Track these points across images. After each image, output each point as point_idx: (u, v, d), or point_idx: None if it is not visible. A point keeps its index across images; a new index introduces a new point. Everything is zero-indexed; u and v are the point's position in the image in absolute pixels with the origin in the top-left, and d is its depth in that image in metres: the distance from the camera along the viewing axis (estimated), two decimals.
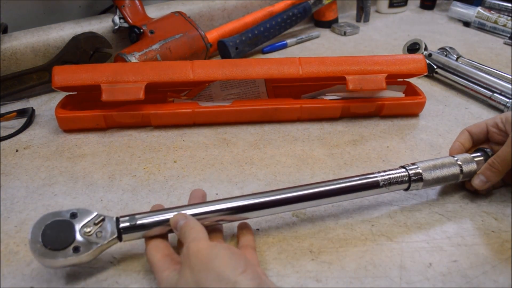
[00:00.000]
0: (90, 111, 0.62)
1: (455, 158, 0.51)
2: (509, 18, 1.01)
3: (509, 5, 1.07)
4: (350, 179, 0.47)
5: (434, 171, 0.49)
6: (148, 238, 0.42)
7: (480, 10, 1.06)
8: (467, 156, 0.51)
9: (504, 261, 0.44)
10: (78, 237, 0.39)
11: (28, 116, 0.66)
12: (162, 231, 0.42)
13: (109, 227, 0.40)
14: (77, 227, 0.40)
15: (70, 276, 0.42)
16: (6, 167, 0.57)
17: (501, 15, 1.03)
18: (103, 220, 0.41)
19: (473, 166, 0.51)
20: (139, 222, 0.41)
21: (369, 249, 0.45)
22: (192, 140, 0.63)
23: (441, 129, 0.66)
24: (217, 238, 0.44)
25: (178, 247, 0.44)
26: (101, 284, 0.41)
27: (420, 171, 0.48)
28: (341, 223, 0.48)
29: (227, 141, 0.63)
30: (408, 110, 0.69)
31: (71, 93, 0.66)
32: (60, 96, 0.67)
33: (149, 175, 0.56)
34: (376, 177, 0.47)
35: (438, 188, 0.54)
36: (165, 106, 0.64)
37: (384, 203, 0.51)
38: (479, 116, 0.70)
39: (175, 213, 0.42)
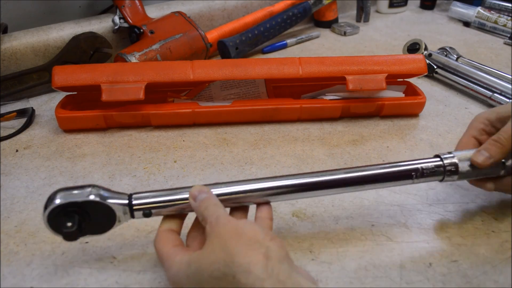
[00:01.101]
0: (90, 111, 0.62)
1: None
2: (509, 18, 1.01)
3: (509, 5, 1.07)
4: (384, 166, 0.44)
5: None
6: (159, 229, 0.40)
7: (480, 10, 1.06)
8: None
9: (504, 261, 0.44)
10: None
11: (28, 116, 0.66)
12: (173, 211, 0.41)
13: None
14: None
15: (70, 276, 0.42)
16: (6, 167, 0.57)
17: (501, 15, 1.03)
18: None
19: None
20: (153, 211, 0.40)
21: (369, 249, 0.45)
22: (192, 140, 0.63)
23: (441, 129, 0.66)
24: (242, 217, 0.43)
25: (192, 229, 0.41)
26: (101, 284, 0.41)
27: (457, 161, 0.45)
28: (341, 223, 0.48)
29: (227, 141, 0.63)
30: (408, 110, 0.69)
31: (71, 93, 0.66)
32: (60, 96, 0.67)
33: (149, 175, 0.56)
34: (410, 166, 0.44)
35: (438, 188, 0.54)
36: (165, 106, 0.64)
37: (384, 203, 0.51)
38: None
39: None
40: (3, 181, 0.54)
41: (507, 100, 0.69)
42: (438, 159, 0.45)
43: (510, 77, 0.75)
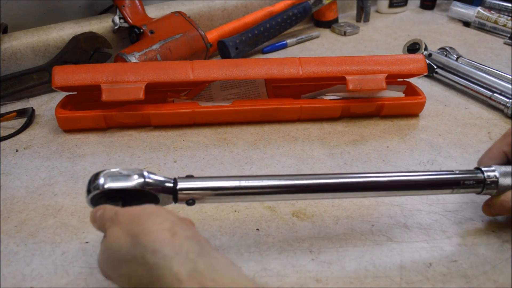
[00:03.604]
0: (90, 111, 0.62)
1: None
2: (509, 18, 1.01)
3: (509, 5, 1.07)
4: (423, 173, 0.45)
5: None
6: None
7: (480, 10, 1.06)
8: None
9: (504, 261, 0.44)
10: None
11: (28, 116, 0.66)
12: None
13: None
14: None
15: (70, 275, 0.42)
16: (6, 167, 0.57)
17: (501, 15, 1.03)
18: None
19: None
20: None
21: (369, 249, 0.45)
22: (192, 140, 0.63)
23: (441, 129, 0.66)
24: None
25: None
26: (101, 284, 0.41)
27: (497, 175, 0.45)
28: (341, 223, 0.48)
29: (227, 141, 0.63)
30: (408, 110, 0.69)
31: (71, 93, 0.66)
32: (60, 96, 0.67)
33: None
34: (451, 176, 0.45)
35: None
36: (165, 106, 0.64)
37: (384, 203, 0.51)
38: (479, 116, 0.70)
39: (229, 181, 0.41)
40: (3, 181, 0.54)
41: (507, 100, 0.69)
42: (479, 171, 0.45)
43: (510, 77, 0.75)
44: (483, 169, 0.46)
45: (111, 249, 0.32)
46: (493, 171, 0.45)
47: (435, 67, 0.81)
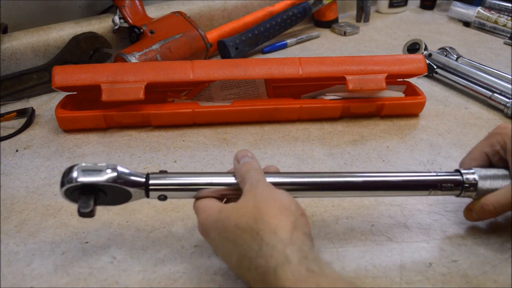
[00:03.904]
0: (90, 111, 0.62)
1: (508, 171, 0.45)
2: (509, 18, 1.01)
3: (509, 5, 1.07)
4: (401, 174, 0.45)
5: (490, 181, 0.44)
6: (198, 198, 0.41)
7: (480, 10, 1.06)
8: None
9: (504, 261, 0.44)
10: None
11: (28, 116, 0.66)
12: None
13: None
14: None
15: (70, 275, 0.42)
16: (6, 167, 0.57)
17: (501, 15, 1.03)
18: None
19: None
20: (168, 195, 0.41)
21: (369, 249, 0.45)
22: (192, 140, 0.63)
23: (441, 129, 0.66)
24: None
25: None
26: (101, 284, 0.41)
27: (476, 177, 0.44)
28: (341, 223, 0.48)
29: (227, 141, 0.63)
30: (408, 110, 0.69)
31: (71, 93, 0.66)
32: (60, 96, 0.67)
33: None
34: (427, 176, 0.44)
35: None
36: (165, 106, 0.64)
37: (384, 203, 0.51)
38: (479, 116, 0.70)
39: (200, 178, 0.41)
40: (3, 181, 0.54)
41: (507, 100, 0.69)
42: (458, 173, 0.45)
43: (510, 77, 0.75)
44: (462, 171, 0.45)
45: (236, 212, 0.35)
46: (473, 173, 0.45)
47: (435, 67, 0.81)
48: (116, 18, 0.78)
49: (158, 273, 0.42)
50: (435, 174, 0.45)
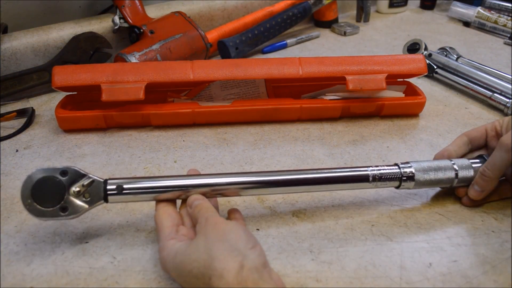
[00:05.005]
0: (90, 111, 0.62)
1: (452, 162, 0.50)
2: (509, 18, 1.01)
3: (509, 5, 1.07)
4: (342, 170, 0.47)
5: (428, 173, 0.48)
6: (159, 202, 0.44)
7: (480, 10, 1.06)
8: (465, 162, 0.50)
9: (504, 261, 0.44)
10: (67, 196, 0.41)
11: (28, 116, 0.66)
12: (150, 198, 0.44)
13: (97, 190, 0.42)
14: (67, 186, 0.41)
15: (70, 275, 0.42)
16: (6, 167, 0.57)
17: (501, 15, 1.03)
18: (92, 182, 0.42)
19: (470, 172, 0.49)
20: (126, 186, 0.43)
21: (369, 249, 0.45)
22: (192, 140, 0.63)
23: (441, 129, 0.66)
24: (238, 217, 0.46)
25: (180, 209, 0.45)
26: (101, 284, 0.41)
27: (413, 171, 0.48)
28: (341, 223, 0.48)
29: (227, 141, 0.63)
30: (408, 110, 0.69)
31: (71, 93, 0.66)
32: (60, 96, 0.67)
33: (149, 175, 0.56)
34: (367, 171, 0.47)
35: (438, 188, 0.54)
36: (165, 106, 0.64)
37: (384, 203, 0.51)
38: (479, 116, 0.70)
39: (164, 181, 0.44)
40: (3, 181, 0.54)
41: (507, 100, 0.69)
42: (396, 167, 0.48)
43: (510, 77, 0.75)
44: (400, 165, 0.48)
45: (188, 257, 0.37)
46: (410, 167, 0.48)
47: (435, 67, 0.81)
48: (116, 18, 0.78)
49: (158, 273, 0.42)
50: (376, 168, 0.48)
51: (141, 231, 0.47)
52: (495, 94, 0.71)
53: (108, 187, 0.42)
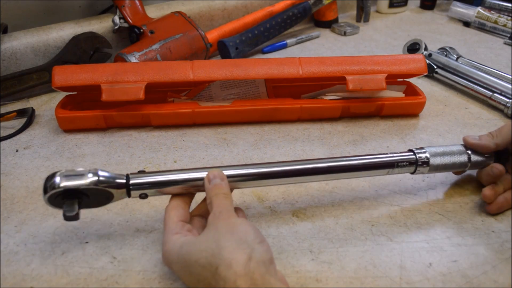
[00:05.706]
0: (90, 111, 0.62)
1: (465, 147, 0.51)
2: (509, 18, 1.01)
3: (509, 5, 1.07)
4: (361, 157, 0.48)
5: (442, 157, 0.49)
6: (173, 196, 0.44)
7: (480, 10, 1.06)
8: None
9: (504, 261, 0.44)
10: None
11: (28, 116, 0.66)
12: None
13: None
14: None
15: (70, 275, 0.42)
16: (6, 167, 0.57)
17: (501, 15, 1.03)
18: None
19: (483, 156, 0.51)
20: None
21: (369, 249, 0.45)
22: (192, 140, 0.63)
23: (441, 129, 0.66)
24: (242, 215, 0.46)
25: (197, 209, 0.46)
26: (101, 284, 0.41)
27: (428, 155, 0.49)
28: (341, 223, 0.48)
29: (227, 141, 0.63)
30: (408, 110, 0.69)
31: (71, 93, 0.66)
32: (60, 96, 0.67)
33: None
34: (387, 157, 0.48)
35: (438, 188, 0.54)
36: (165, 106, 0.64)
37: (384, 203, 0.51)
38: (479, 116, 0.70)
39: (166, 175, 0.43)
40: (3, 181, 0.54)
41: (507, 100, 0.69)
42: (411, 153, 0.49)
43: (510, 77, 0.75)
44: (415, 150, 0.49)
45: (197, 247, 0.37)
46: (424, 152, 0.49)
47: (435, 67, 0.81)
48: (116, 18, 0.78)
49: (158, 273, 0.42)
50: (391, 155, 0.48)
51: (141, 231, 0.47)
52: (495, 94, 0.71)
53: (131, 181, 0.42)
